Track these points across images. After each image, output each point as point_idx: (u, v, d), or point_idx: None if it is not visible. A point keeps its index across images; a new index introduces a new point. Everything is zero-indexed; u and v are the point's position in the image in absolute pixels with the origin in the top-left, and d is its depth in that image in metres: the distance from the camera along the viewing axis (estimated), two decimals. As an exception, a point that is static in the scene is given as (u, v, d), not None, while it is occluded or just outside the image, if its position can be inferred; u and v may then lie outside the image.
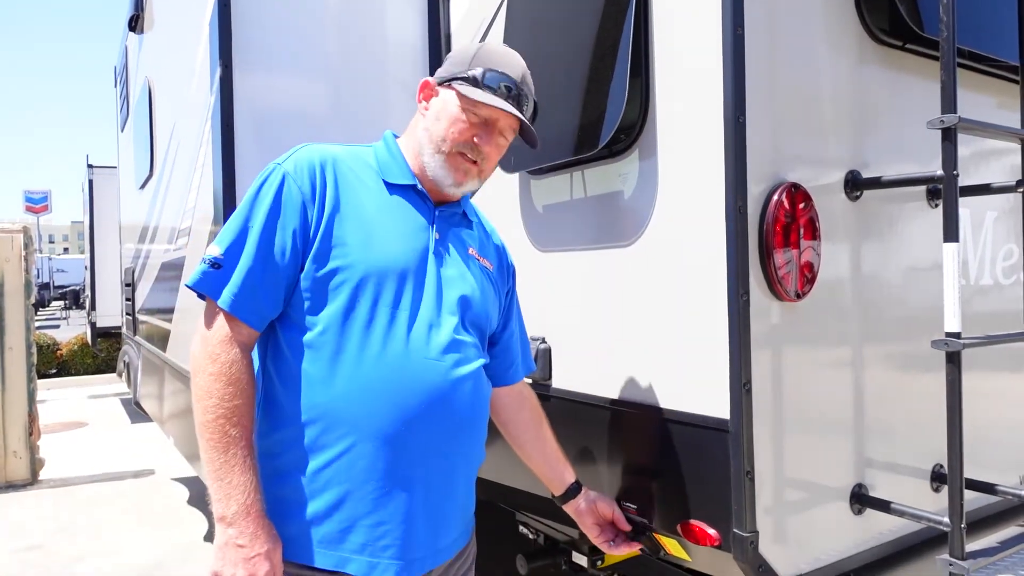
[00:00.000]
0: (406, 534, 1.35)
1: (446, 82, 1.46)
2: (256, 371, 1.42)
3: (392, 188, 1.46)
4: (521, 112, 1.44)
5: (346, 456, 1.32)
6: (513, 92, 1.42)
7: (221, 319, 1.33)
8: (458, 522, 1.47)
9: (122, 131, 5.95)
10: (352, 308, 1.34)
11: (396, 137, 1.54)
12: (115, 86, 6.54)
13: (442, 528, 1.42)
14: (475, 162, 1.44)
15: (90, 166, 10.06)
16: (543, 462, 1.70)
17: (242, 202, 1.38)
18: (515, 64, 1.47)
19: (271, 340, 1.41)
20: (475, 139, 1.42)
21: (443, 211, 1.50)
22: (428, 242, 1.44)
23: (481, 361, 1.48)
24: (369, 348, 1.34)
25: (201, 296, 1.37)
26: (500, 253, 1.65)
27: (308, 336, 1.35)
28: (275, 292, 1.35)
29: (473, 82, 1.42)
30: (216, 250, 1.34)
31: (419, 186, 1.47)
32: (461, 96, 1.43)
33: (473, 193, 1.64)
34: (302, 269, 1.36)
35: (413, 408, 1.34)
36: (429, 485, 1.38)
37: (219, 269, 1.33)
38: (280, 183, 1.36)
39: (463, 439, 1.43)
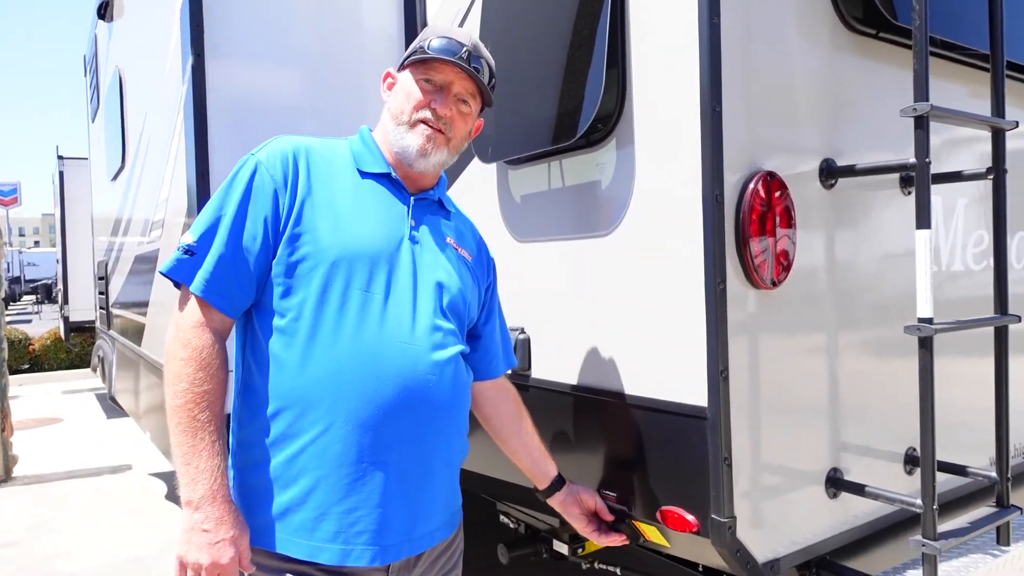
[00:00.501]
0: (381, 519, 1.35)
1: (402, 67, 1.51)
2: (236, 361, 1.43)
3: (367, 177, 1.47)
4: (473, 71, 1.45)
5: (319, 441, 1.33)
6: (460, 53, 1.44)
7: (193, 305, 1.35)
8: (439, 511, 1.47)
9: (93, 121, 5.84)
10: (324, 292, 1.35)
11: (371, 131, 1.56)
12: (85, 75, 6.41)
13: (420, 515, 1.41)
14: (440, 131, 1.45)
15: (60, 157, 9.88)
16: (526, 456, 1.71)
17: (216, 192, 1.40)
18: (463, 33, 1.50)
19: (248, 329, 1.41)
20: (432, 104, 1.44)
21: (419, 199, 1.51)
22: (404, 229, 1.45)
23: (460, 348, 1.47)
24: (342, 332, 1.34)
25: (176, 284, 1.38)
26: (480, 246, 1.65)
27: (282, 322, 1.36)
28: (247, 279, 1.36)
29: (421, 52, 1.45)
30: (189, 238, 1.36)
31: (394, 174, 1.49)
32: (412, 68, 1.47)
33: (449, 184, 1.64)
34: (274, 256, 1.37)
35: (387, 391, 1.34)
36: (404, 470, 1.38)
37: (192, 256, 1.35)
38: (252, 172, 1.38)
39: (440, 425, 1.42)
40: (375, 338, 1.35)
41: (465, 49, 1.45)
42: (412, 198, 1.50)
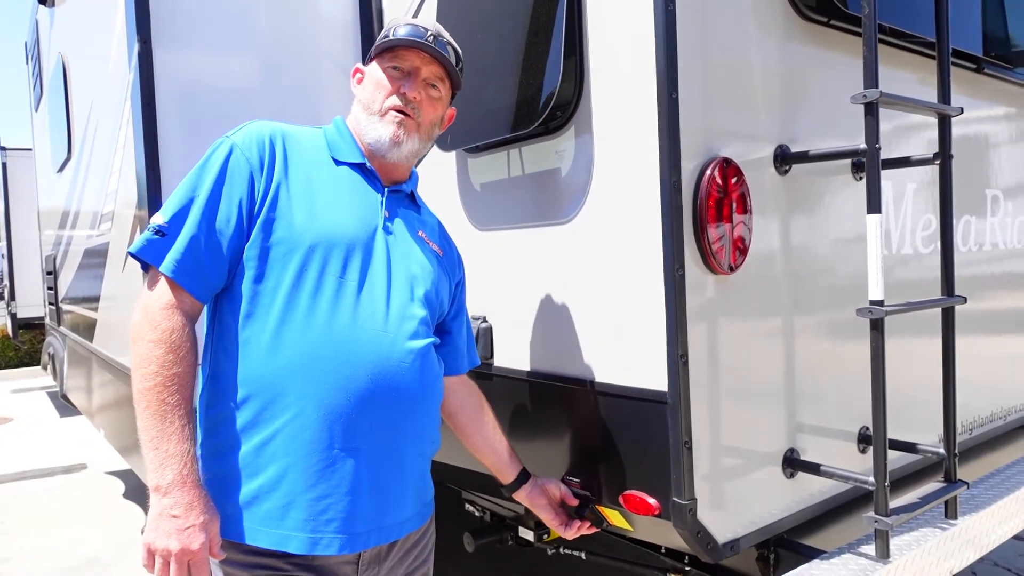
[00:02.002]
0: (350, 507, 1.35)
1: (369, 60, 1.52)
2: (204, 346, 1.40)
3: (341, 165, 1.47)
4: (440, 54, 1.46)
5: (289, 428, 1.31)
6: (425, 37, 1.45)
7: (164, 287, 1.31)
8: (410, 501, 1.46)
9: (36, 111, 5.63)
10: (299, 278, 1.34)
11: (344, 121, 1.56)
12: (27, 63, 6.17)
13: (390, 504, 1.41)
14: (409, 115, 1.46)
15: (3, 148, 9.52)
16: (490, 452, 1.71)
17: (189, 172, 1.38)
18: (427, 20, 1.51)
19: (217, 313, 1.39)
20: (401, 89, 1.45)
21: (392, 192, 1.52)
22: (377, 219, 1.46)
23: (431, 339, 1.48)
24: (315, 318, 1.33)
25: (144, 266, 1.35)
26: (449, 243, 1.67)
27: (253, 306, 1.34)
28: (219, 261, 1.34)
29: (386, 40, 1.46)
30: (160, 218, 1.33)
31: (368, 165, 1.49)
32: (379, 58, 1.48)
33: (418, 162, 1.62)
34: (248, 239, 1.35)
35: (360, 378, 1.34)
36: (374, 458, 1.37)
37: (163, 237, 1.32)
38: (228, 153, 1.37)
39: (413, 413, 1.42)
40: (349, 325, 1.35)
41: (430, 33, 1.45)
42: (386, 190, 1.50)
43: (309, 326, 1.33)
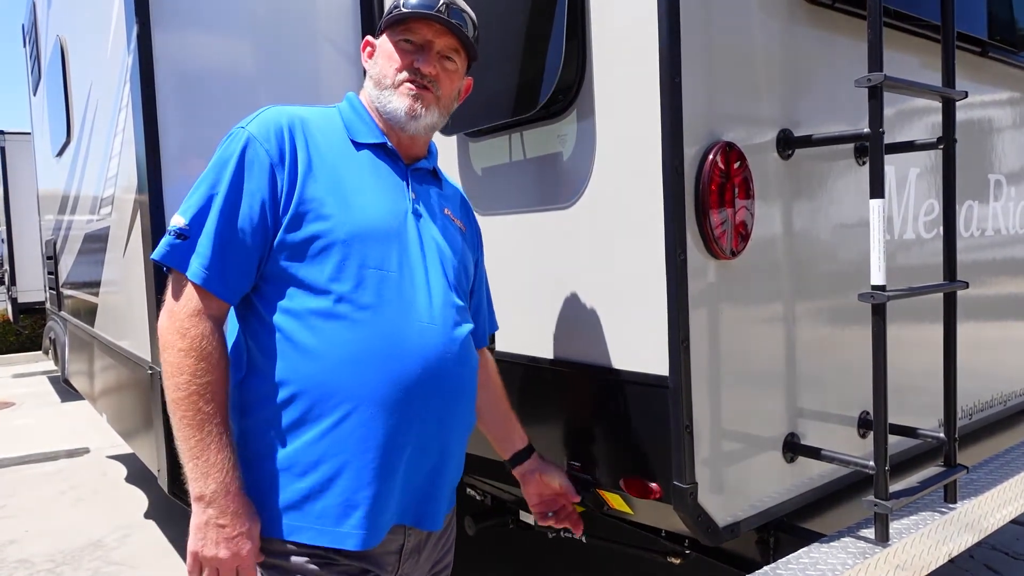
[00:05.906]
0: (404, 500, 1.35)
1: (380, 32, 1.44)
2: (238, 348, 1.35)
3: (361, 148, 1.40)
4: (454, 26, 1.39)
5: (341, 426, 1.27)
6: (438, 7, 1.37)
7: (190, 292, 1.27)
8: (449, 490, 1.47)
9: (34, 95, 5.59)
10: (339, 271, 1.29)
11: (358, 97, 1.48)
12: (24, 46, 6.12)
13: (434, 493, 1.41)
14: (426, 88, 1.39)
15: (1, 132, 9.47)
16: (496, 423, 1.70)
17: (207, 168, 1.31)
18: None
19: (250, 315, 1.34)
20: (415, 63, 1.38)
21: (415, 171, 1.46)
22: (406, 203, 1.40)
23: (470, 326, 1.45)
24: (362, 312, 1.29)
25: (167, 270, 1.30)
26: (470, 216, 1.63)
27: (293, 305, 1.29)
28: (245, 262, 1.29)
29: (397, 11, 1.39)
30: (181, 220, 1.28)
31: (389, 144, 1.42)
32: (390, 31, 1.41)
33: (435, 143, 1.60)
34: (275, 237, 1.30)
35: (408, 372, 1.30)
36: (424, 449, 1.35)
37: (185, 240, 1.27)
38: (244, 147, 1.29)
39: (456, 402, 1.40)
40: (395, 317, 1.30)
41: (443, 3, 1.37)
42: (409, 170, 1.44)
43: (356, 322, 1.28)
